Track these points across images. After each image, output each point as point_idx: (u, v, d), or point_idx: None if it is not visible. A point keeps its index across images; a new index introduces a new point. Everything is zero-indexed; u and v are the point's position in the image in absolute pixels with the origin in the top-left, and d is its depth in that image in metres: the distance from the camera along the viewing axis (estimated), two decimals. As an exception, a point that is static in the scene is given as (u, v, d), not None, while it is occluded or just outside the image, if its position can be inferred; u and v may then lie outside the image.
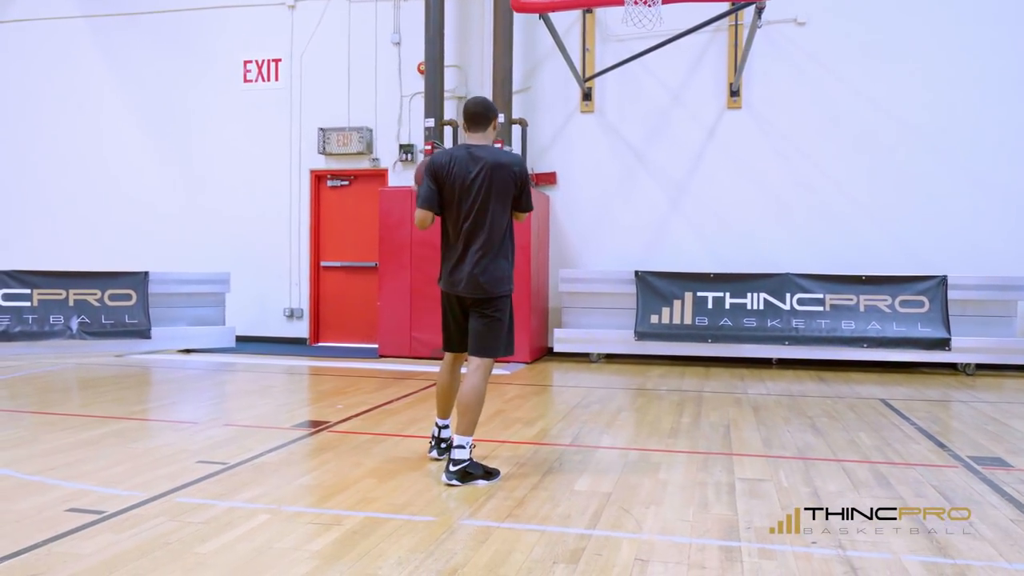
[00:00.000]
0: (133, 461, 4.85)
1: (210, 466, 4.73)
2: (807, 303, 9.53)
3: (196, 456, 4.99)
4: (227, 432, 5.71)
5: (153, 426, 6.10)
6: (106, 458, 4.93)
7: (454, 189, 4.57)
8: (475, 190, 4.54)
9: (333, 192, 11.55)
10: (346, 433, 5.75)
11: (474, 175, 4.54)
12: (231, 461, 4.86)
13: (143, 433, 5.79)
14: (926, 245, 9.72)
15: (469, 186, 4.54)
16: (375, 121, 11.32)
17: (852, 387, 8.28)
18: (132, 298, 10.06)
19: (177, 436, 5.59)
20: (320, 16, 11.47)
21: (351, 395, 7.40)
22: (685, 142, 10.40)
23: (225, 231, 11.64)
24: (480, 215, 4.55)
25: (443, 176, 4.60)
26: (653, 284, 9.83)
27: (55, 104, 12.37)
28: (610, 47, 10.55)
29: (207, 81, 11.84)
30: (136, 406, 6.93)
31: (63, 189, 12.30)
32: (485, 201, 4.54)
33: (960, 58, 9.71)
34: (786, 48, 10.07)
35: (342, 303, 11.46)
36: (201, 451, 5.12)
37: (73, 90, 12.32)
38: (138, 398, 7.40)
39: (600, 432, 5.91)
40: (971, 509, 4.04)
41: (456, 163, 4.58)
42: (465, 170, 4.55)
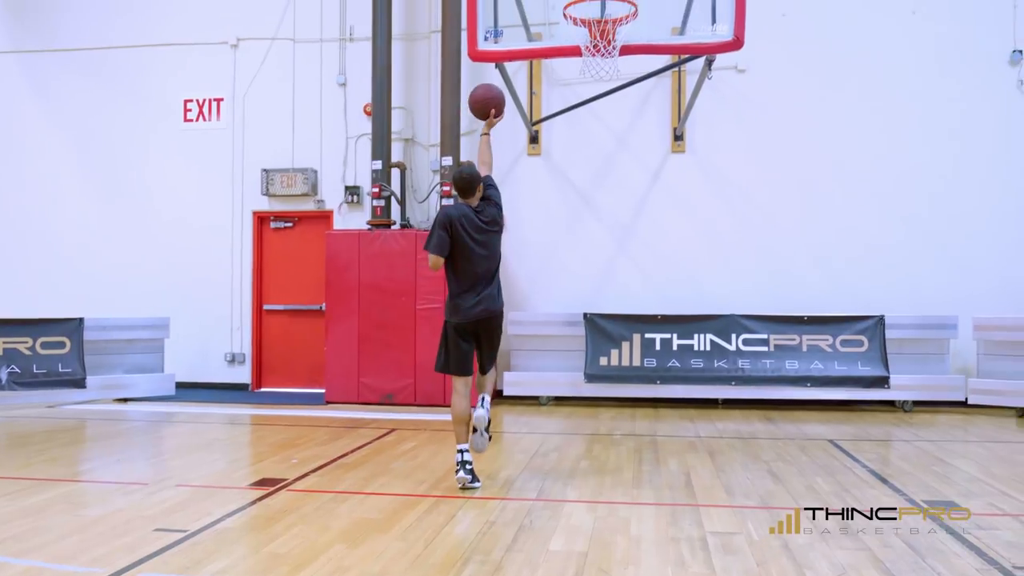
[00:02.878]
0: (85, 531, 4.63)
1: (170, 535, 4.54)
2: (752, 343, 9.72)
3: (153, 523, 4.79)
4: (181, 494, 5.51)
5: (101, 489, 5.84)
6: (55, 528, 4.69)
7: (466, 241, 5.62)
8: (484, 240, 5.71)
9: (276, 234, 11.36)
10: (306, 492, 5.60)
11: (482, 229, 5.71)
12: (191, 528, 4.68)
13: (91, 497, 5.54)
14: (864, 285, 10.04)
15: (478, 238, 5.68)
16: (320, 162, 11.21)
17: (799, 427, 8.45)
18: (66, 346, 9.68)
19: (128, 500, 5.36)
20: (264, 56, 11.35)
21: (304, 447, 7.23)
22: (631, 185, 10.57)
23: (165, 274, 11.33)
24: (490, 259, 5.79)
25: (456, 229, 5.62)
26: (601, 326, 9.91)
27: (-18, 142, 11.92)
28: (556, 91, 10.69)
29: (146, 120, 11.56)
30: (79, 466, 6.65)
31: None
32: (494, 248, 5.80)
33: (894, 104, 10.12)
34: (727, 94, 10.35)
35: (286, 347, 11.23)
36: (157, 517, 4.92)
37: (2, 127, 11.88)
38: (79, 456, 7.09)
39: (564, 484, 5.88)
40: (937, 558, 4.14)
41: (465, 219, 5.67)
42: (474, 225, 5.68)
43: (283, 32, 11.33)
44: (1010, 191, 9.94)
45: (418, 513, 5.04)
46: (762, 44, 9.69)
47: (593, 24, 7.16)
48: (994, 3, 9.98)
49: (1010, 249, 9.90)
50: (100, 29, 11.66)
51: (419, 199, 10.91)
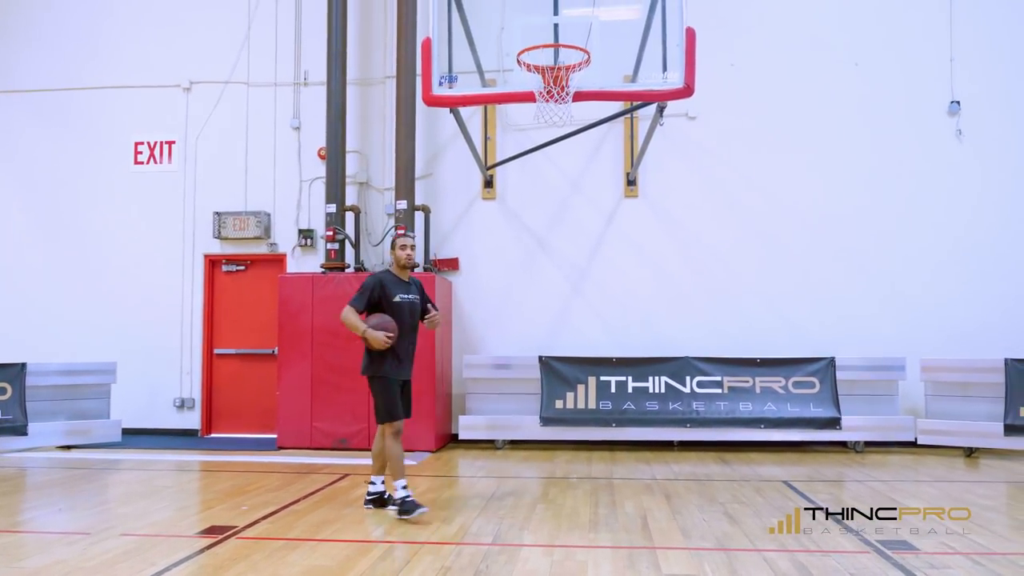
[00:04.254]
0: (23, 583, 4.45)
1: (112, 586, 4.38)
2: (706, 385, 9.80)
3: (94, 574, 4.61)
4: (125, 543, 5.32)
5: (40, 539, 5.62)
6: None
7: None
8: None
9: (228, 277, 11.21)
10: (256, 539, 5.46)
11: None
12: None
13: (29, 548, 5.32)
14: (814, 328, 10.21)
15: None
16: (273, 205, 11.13)
17: (753, 468, 8.49)
18: (7, 392, 9.36)
19: (70, 551, 5.15)
20: (217, 99, 11.29)
21: (254, 494, 7.06)
22: (585, 229, 10.67)
23: (113, 317, 11.08)
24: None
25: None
26: (557, 369, 9.91)
27: (-77, 183, 11.62)
28: (511, 136, 10.80)
29: (96, 161, 11.39)
30: (17, 516, 6.40)
31: (-71, 273, 11.49)
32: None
33: (841, 151, 10.41)
34: (678, 140, 10.56)
35: (237, 392, 11.02)
36: (99, 568, 4.74)
37: (-56, 169, 11.63)
38: (18, 506, 6.83)
39: (520, 528, 5.82)
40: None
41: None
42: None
43: (237, 76, 11.31)
44: (953, 237, 10.24)
45: (371, 560, 4.94)
46: (712, 92, 9.92)
47: (547, 71, 7.27)
48: (932, 56, 10.38)
49: (954, 292, 10.16)
50: (52, 70, 11.51)
51: (373, 243, 10.87)
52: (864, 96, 10.44)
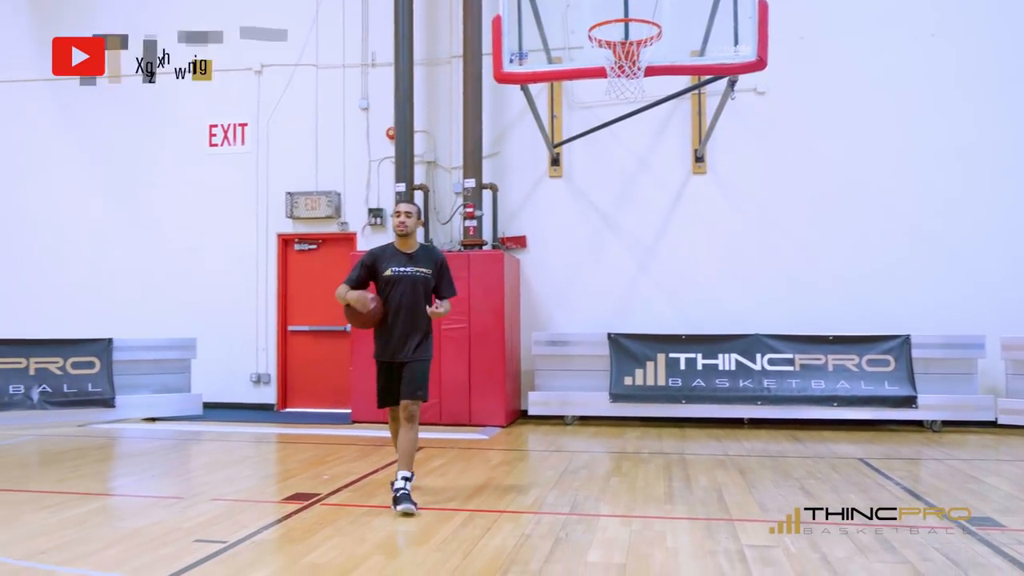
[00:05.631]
0: (126, 542, 4.67)
1: (209, 545, 4.58)
2: (777, 363, 9.71)
3: (191, 534, 4.82)
4: (217, 507, 5.54)
5: (137, 502, 5.89)
6: (97, 539, 4.73)
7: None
8: None
9: (301, 256, 11.47)
10: (340, 506, 5.63)
11: None
12: (229, 539, 4.72)
13: (129, 510, 5.59)
14: (888, 305, 10.02)
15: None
16: (343, 185, 11.33)
17: (827, 446, 8.41)
18: (95, 366, 9.78)
19: (166, 513, 5.40)
20: (287, 81, 11.52)
21: (333, 464, 7.26)
22: (652, 206, 10.62)
23: (191, 296, 11.44)
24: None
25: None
26: (626, 346, 9.92)
27: (13, 167, 12.11)
28: (577, 113, 10.79)
29: (172, 145, 11.74)
30: (113, 481, 6.71)
31: (22, 255, 11.98)
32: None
33: (915, 122, 10.16)
34: (747, 116, 10.41)
35: (310, 368, 11.29)
36: (195, 529, 4.96)
37: (30, 154, 12.09)
38: (113, 472, 7.16)
39: (596, 499, 5.89)
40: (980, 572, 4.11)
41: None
42: None
43: (306, 58, 11.51)
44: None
45: (453, 527, 5.06)
46: (781, 67, 9.69)
47: (617, 46, 7.26)
48: (1017, 23, 10.03)
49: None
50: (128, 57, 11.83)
51: (442, 220, 11.00)
52: (940, 68, 10.15)
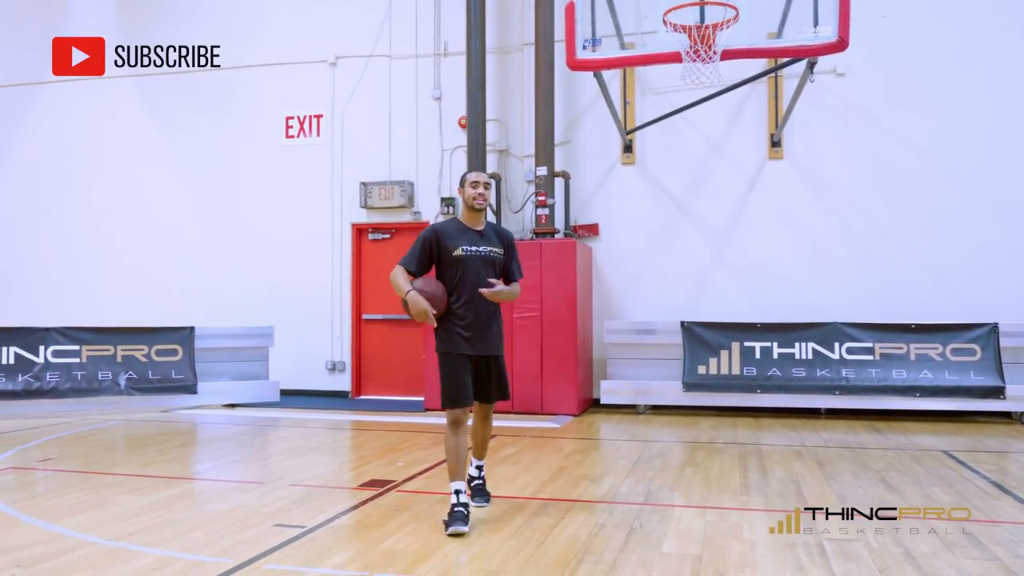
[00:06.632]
0: (210, 525, 4.83)
1: (289, 530, 4.70)
2: (856, 352, 9.46)
3: (272, 519, 4.95)
4: (295, 493, 5.68)
5: (220, 487, 6.08)
6: (183, 522, 4.90)
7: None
8: None
9: (375, 245, 11.63)
10: (415, 493, 5.71)
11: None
12: (308, 524, 4.83)
13: (213, 494, 5.77)
14: (975, 292, 9.65)
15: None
16: (416, 174, 11.44)
17: (908, 437, 8.17)
18: (178, 353, 10.11)
19: (247, 497, 5.56)
20: (361, 73, 11.66)
21: (407, 451, 7.36)
22: (726, 192, 10.43)
23: (268, 285, 11.72)
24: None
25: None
26: (699, 334, 9.80)
27: (100, 161, 12.58)
28: (649, 99, 10.65)
29: (249, 137, 12.02)
30: (197, 465, 6.94)
31: (108, 248, 12.45)
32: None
33: (1004, 103, 9.73)
34: (826, 98, 10.13)
35: (384, 356, 11.46)
36: (276, 514, 5.09)
37: (117, 147, 12.54)
38: (196, 457, 7.40)
39: (670, 490, 5.84)
40: None
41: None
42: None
43: (379, 49, 11.63)
44: None
45: (527, 515, 5.08)
46: (862, 47, 9.43)
47: (693, 29, 7.15)
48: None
49: None
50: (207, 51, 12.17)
51: (514, 209, 11.01)
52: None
